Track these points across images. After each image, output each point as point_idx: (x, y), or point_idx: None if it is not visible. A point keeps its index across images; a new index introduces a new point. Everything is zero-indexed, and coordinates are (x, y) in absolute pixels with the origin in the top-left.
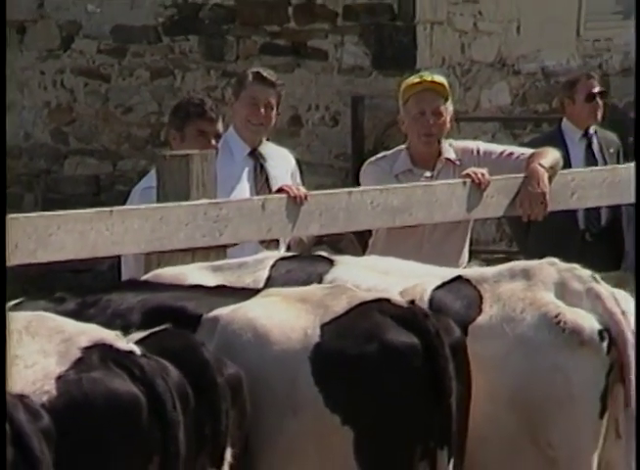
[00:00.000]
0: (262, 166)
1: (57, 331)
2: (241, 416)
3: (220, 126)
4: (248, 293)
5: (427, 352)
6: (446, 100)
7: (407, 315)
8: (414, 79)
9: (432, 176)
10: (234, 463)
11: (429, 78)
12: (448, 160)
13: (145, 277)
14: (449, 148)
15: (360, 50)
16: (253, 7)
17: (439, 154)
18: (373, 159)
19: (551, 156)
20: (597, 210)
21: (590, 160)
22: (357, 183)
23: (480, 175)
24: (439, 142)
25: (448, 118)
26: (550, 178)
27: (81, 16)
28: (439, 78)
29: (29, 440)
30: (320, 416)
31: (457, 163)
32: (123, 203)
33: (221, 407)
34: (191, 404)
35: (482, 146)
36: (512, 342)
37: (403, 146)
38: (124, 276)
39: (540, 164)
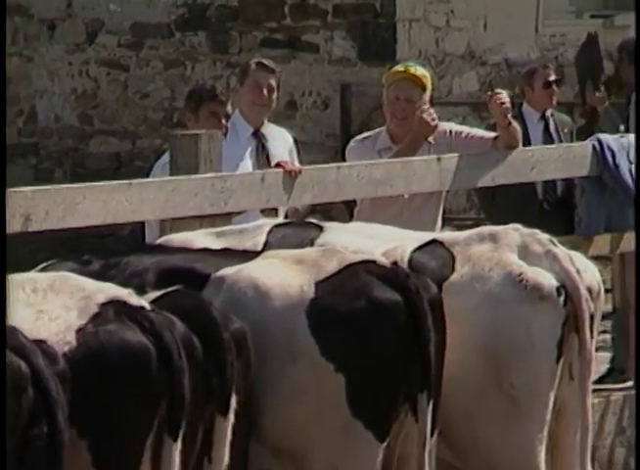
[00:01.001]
0: (264, 145)
1: (78, 289)
2: (245, 367)
3: (229, 108)
4: (250, 255)
5: (408, 307)
6: (423, 90)
7: (391, 275)
8: (399, 68)
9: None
10: (239, 409)
11: (411, 70)
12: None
13: (158, 241)
14: None
15: (347, 44)
16: (254, 6)
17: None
18: (358, 138)
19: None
20: (553, 182)
21: (547, 138)
22: (345, 159)
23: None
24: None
25: (423, 107)
26: (513, 146)
27: (104, 14)
28: (421, 71)
29: (47, 382)
30: (316, 364)
31: (432, 141)
32: (142, 176)
33: (227, 359)
34: (199, 356)
35: (454, 127)
36: (481, 297)
37: (384, 127)
38: (148, 239)
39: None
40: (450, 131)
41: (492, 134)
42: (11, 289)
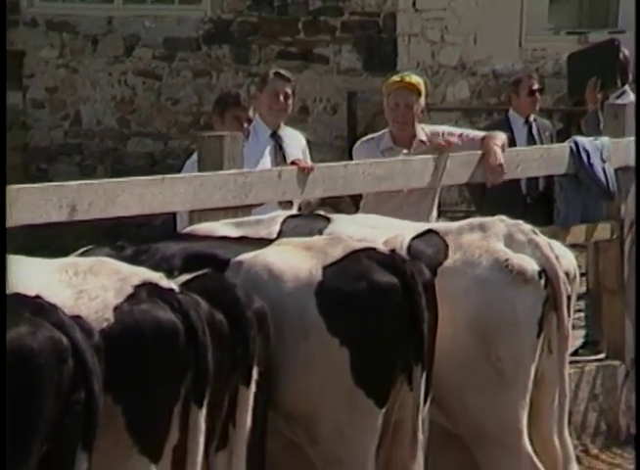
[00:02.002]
0: (281, 145)
1: (114, 272)
2: (266, 342)
3: (251, 113)
4: (264, 242)
5: (404, 289)
6: (419, 95)
7: (389, 261)
8: (396, 78)
9: (408, 153)
10: (259, 380)
11: (407, 79)
12: (421, 141)
13: (185, 230)
14: (422, 131)
15: (354, 56)
16: (272, 23)
17: (414, 136)
18: (364, 139)
19: (500, 137)
20: (536, 179)
21: (530, 140)
22: (352, 158)
23: (443, 143)
24: (414, 126)
25: (419, 111)
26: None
27: (140, 30)
28: (416, 79)
29: (84, 354)
30: (324, 339)
31: (428, 143)
32: (173, 173)
33: (250, 335)
34: (223, 332)
35: (447, 129)
36: (471, 280)
37: (386, 129)
38: (179, 228)
39: (494, 143)
40: (444, 133)
41: (482, 134)
42: (55, 271)
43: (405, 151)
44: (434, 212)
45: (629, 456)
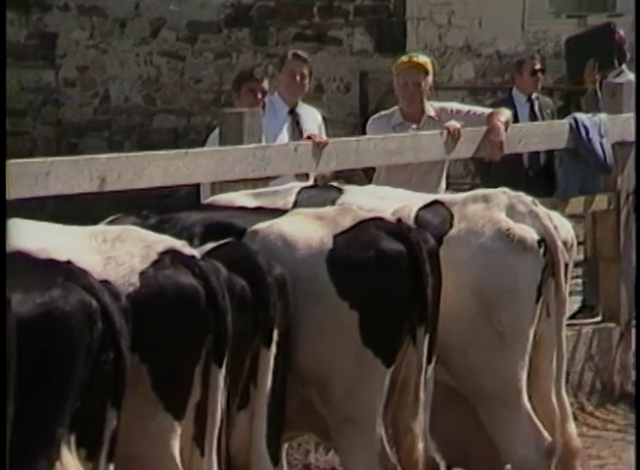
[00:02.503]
0: (298, 121)
1: (140, 239)
2: (285, 306)
3: (266, 84)
4: (279, 213)
5: (410, 256)
6: (427, 74)
7: (396, 229)
8: (404, 58)
9: (417, 128)
10: (279, 341)
11: (415, 59)
12: (430, 116)
13: (206, 201)
14: (430, 108)
15: (366, 38)
16: (289, 7)
17: (423, 112)
18: (375, 116)
19: (505, 114)
20: (537, 153)
21: (532, 117)
22: (364, 133)
23: (454, 128)
24: (423, 103)
25: (427, 88)
26: (505, 129)
27: (165, 14)
28: (423, 59)
29: (112, 316)
30: (334, 303)
31: (436, 118)
32: (196, 147)
33: (271, 300)
34: (243, 296)
35: (455, 106)
36: (475, 248)
37: (397, 107)
38: (202, 199)
39: (498, 120)
40: (452, 110)
41: (488, 111)
42: (85, 239)
43: (414, 126)
44: (443, 184)
45: (622, 413)
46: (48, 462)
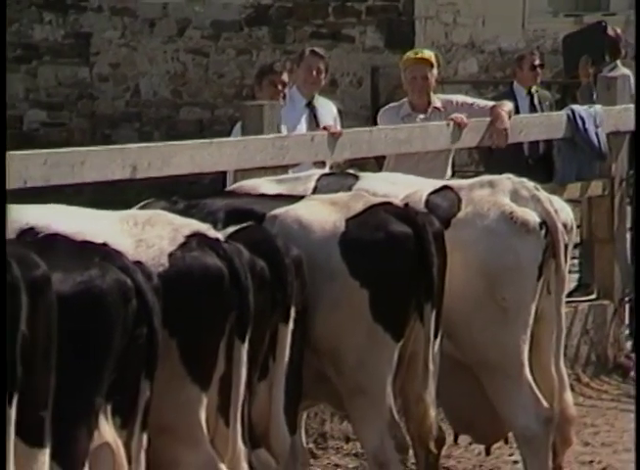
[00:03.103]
0: (315, 113)
1: (169, 223)
2: (301, 285)
3: (285, 77)
4: (296, 198)
5: (416, 237)
6: (432, 67)
7: (403, 213)
8: (410, 54)
9: (425, 118)
10: (296, 317)
11: (420, 54)
12: (436, 108)
13: (232, 187)
14: (437, 100)
15: (377, 36)
16: (305, 7)
17: (429, 103)
18: (385, 107)
19: (507, 105)
20: (537, 142)
21: (532, 109)
22: (375, 124)
23: (460, 119)
24: (429, 95)
25: (433, 80)
26: (509, 118)
27: (191, 14)
28: (428, 53)
29: (146, 294)
30: (346, 282)
31: (442, 110)
32: (220, 137)
33: (288, 279)
34: (263, 276)
35: (460, 98)
36: (481, 230)
37: (405, 99)
38: (228, 185)
39: (502, 110)
40: (457, 102)
41: (491, 103)
42: (118, 222)
43: (422, 116)
44: (449, 171)
45: (615, 383)
46: (87, 430)
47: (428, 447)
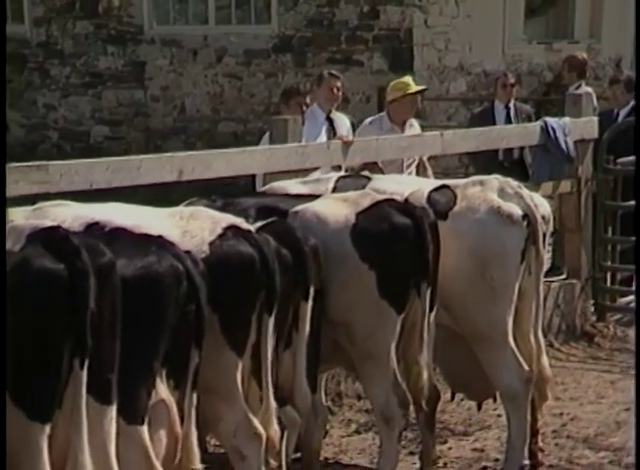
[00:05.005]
0: (333, 126)
1: (209, 217)
2: (318, 268)
3: (308, 99)
4: (314, 198)
5: (415, 228)
6: (415, 96)
7: (404, 207)
8: (398, 92)
9: (402, 131)
10: (315, 295)
11: (409, 90)
12: (410, 125)
13: (263, 188)
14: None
15: (382, 61)
16: (322, 36)
17: (405, 120)
18: (367, 120)
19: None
20: (510, 149)
21: (508, 121)
22: None
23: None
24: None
25: (418, 101)
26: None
27: (228, 44)
28: (412, 85)
29: (194, 277)
30: (356, 265)
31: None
32: (252, 146)
33: (307, 263)
34: (287, 262)
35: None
36: (473, 221)
37: (383, 113)
38: (257, 187)
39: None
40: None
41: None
42: (167, 217)
43: (399, 129)
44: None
45: (582, 348)
46: (147, 390)
47: (419, 404)
